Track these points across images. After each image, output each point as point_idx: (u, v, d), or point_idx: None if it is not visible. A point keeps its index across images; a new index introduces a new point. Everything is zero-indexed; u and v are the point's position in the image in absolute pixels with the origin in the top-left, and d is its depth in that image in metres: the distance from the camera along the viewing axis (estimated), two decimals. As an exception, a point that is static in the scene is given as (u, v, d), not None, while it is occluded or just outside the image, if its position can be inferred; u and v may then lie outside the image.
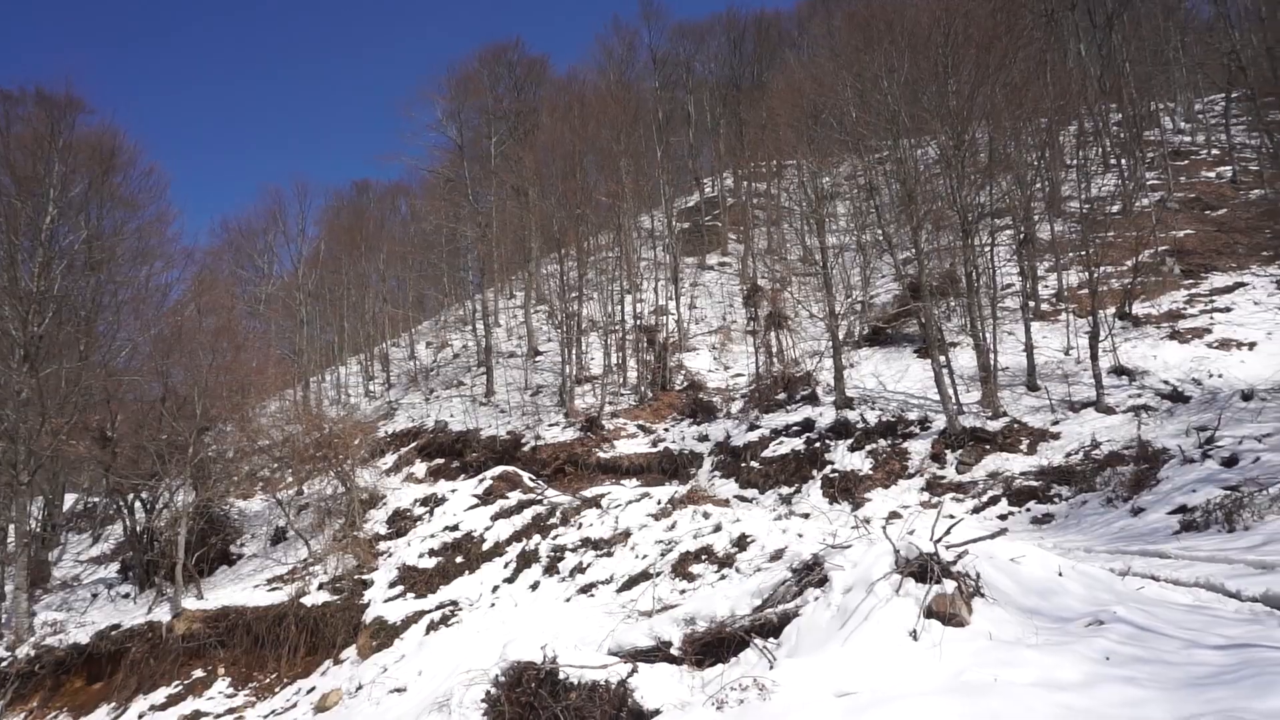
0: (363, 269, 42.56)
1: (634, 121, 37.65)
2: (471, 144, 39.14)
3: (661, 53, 51.99)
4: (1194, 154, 34.86)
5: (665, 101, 49.02)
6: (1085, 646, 6.13)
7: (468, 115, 39.68)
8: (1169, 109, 40.02)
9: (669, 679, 7.97)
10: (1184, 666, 5.57)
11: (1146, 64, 38.66)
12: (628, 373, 28.89)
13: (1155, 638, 6.21)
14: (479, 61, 44.78)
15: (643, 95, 46.18)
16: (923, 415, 20.41)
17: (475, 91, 40.98)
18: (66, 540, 27.87)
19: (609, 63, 50.97)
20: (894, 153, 23.89)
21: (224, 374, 21.75)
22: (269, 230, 47.14)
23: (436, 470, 25.64)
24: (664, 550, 14.16)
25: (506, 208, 37.32)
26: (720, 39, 54.30)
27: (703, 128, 51.90)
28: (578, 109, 35.76)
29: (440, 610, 15.15)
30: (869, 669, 6.47)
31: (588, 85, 44.47)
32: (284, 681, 15.45)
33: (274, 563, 20.09)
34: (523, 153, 36.31)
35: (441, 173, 41.36)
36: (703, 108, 51.92)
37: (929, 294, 21.51)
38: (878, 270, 30.36)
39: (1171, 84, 40.68)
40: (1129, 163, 32.40)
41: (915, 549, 7.60)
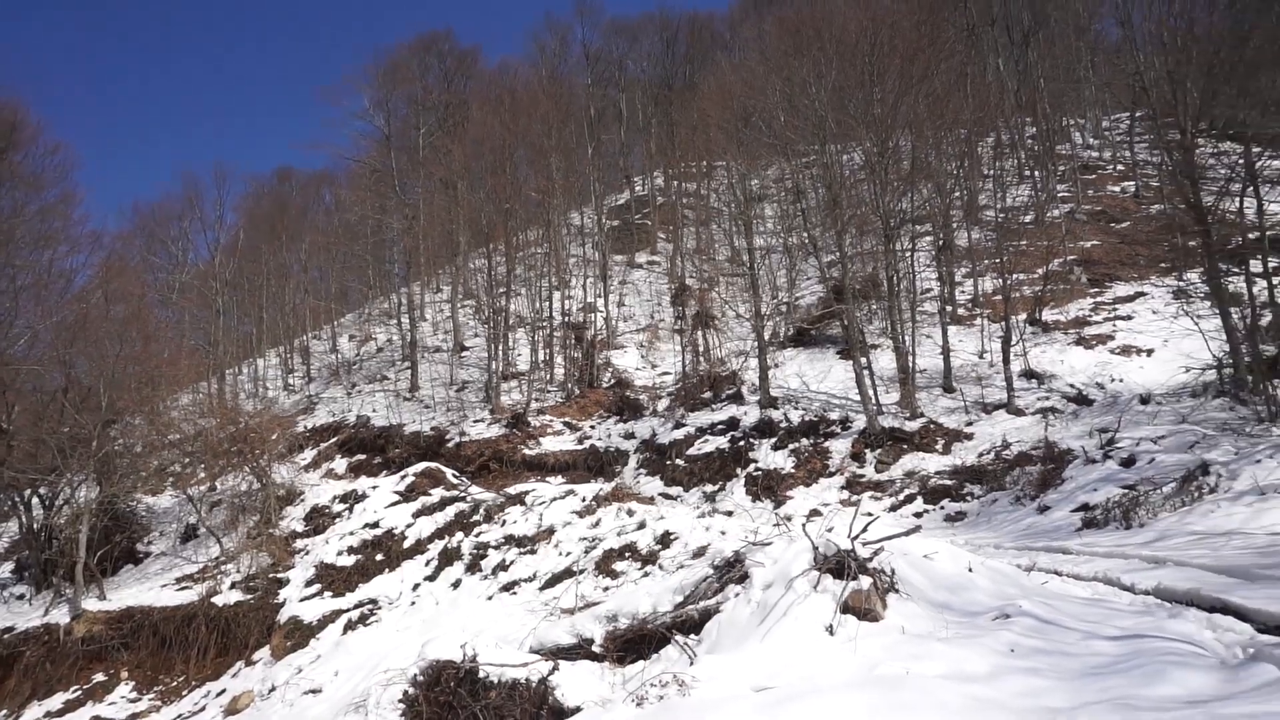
0: (284, 259, 41.34)
1: (566, 117, 37.52)
2: (399, 134, 38.53)
3: (595, 49, 52.03)
4: (1101, 169, 36.48)
5: (597, 99, 49.00)
6: (992, 639, 6.38)
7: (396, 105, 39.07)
8: (1079, 125, 41.80)
9: (590, 676, 7.97)
10: (1082, 657, 5.84)
11: (1060, 81, 40.30)
12: (555, 370, 28.78)
13: (1056, 630, 6.49)
14: (409, 51, 44.14)
15: (575, 91, 46.07)
16: (844, 415, 20.88)
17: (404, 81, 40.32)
18: (-44, 538, 26.35)
19: (541, 57, 50.79)
20: (821, 157, 24.35)
21: (133, 365, 20.90)
22: (185, 216, 45.41)
23: (357, 466, 25.11)
24: (588, 548, 14.14)
25: (434, 200, 36.74)
26: (653, 38, 54.59)
27: (634, 126, 52.04)
28: (509, 103, 35.43)
29: (359, 609, 14.83)
30: (787, 663, 6.59)
31: (519, 79, 44.18)
32: (192, 684, 14.91)
33: (184, 561, 19.38)
34: (452, 145, 35.86)
35: (368, 162, 40.54)
36: (635, 106, 52.06)
37: (852, 297, 22.01)
38: (803, 272, 30.91)
39: (1082, 101, 42.49)
40: (1042, 175, 33.73)
41: (833, 546, 7.77)
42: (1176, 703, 4.70)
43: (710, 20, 57.68)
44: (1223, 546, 8.70)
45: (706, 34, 55.56)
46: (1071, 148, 38.53)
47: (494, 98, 38.85)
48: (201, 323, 40.94)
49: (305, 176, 53.63)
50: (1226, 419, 15.13)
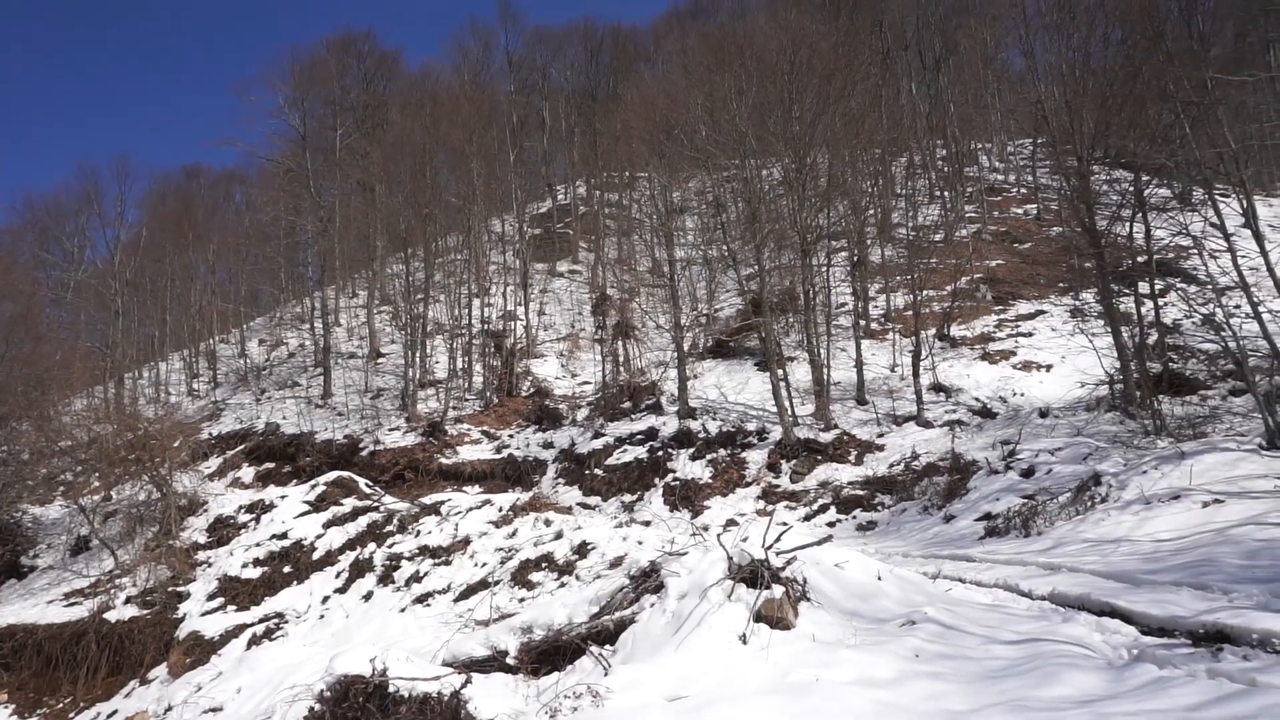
0: (190, 259, 39.72)
1: (488, 123, 37.20)
2: (315, 134, 37.46)
3: (518, 56, 51.67)
4: (1006, 191, 38.14)
5: (520, 106, 48.71)
6: (898, 645, 6.56)
7: (312, 104, 37.95)
8: (986, 149, 43.64)
9: (504, 689, 7.88)
10: (982, 661, 6.06)
11: (968, 106, 42.03)
12: (473, 378, 28.43)
13: (959, 635, 6.73)
14: (327, 49, 42.99)
15: (497, 98, 45.71)
16: (761, 426, 21.22)
17: (322, 80, 39.26)
18: None
19: (464, 62, 50.16)
20: (741, 172, 24.77)
21: (20, 366, 19.87)
22: (82, 212, 43.31)
23: (266, 475, 24.29)
24: (504, 558, 13.99)
25: (351, 203, 35.94)
26: (578, 48, 54.58)
27: (557, 135, 51.96)
28: (430, 107, 34.94)
29: (264, 623, 14.31)
30: (700, 672, 6.64)
31: (441, 84, 43.57)
32: (80, 705, 14.13)
33: (74, 575, 18.37)
34: (370, 147, 35.16)
35: (282, 162, 39.30)
36: (558, 115, 51.97)
37: (770, 310, 22.42)
38: (723, 285, 31.33)
39: (989, 126, 44.37)
40: (951, 195, 35.08)
41: (748, 556, 7.87)
42: (1068, 703, 4.92)
43: (634, 32, 58.17)
44: (1112, 553, 9.16)
45: (630, 46, 55.94)
46: (979, 170, 40.19)
47: (415, 101, 38.29)
48: (99, 324, 38.99)
49: (215, 174, 52.01)
50: (1117, 432, 15.96)
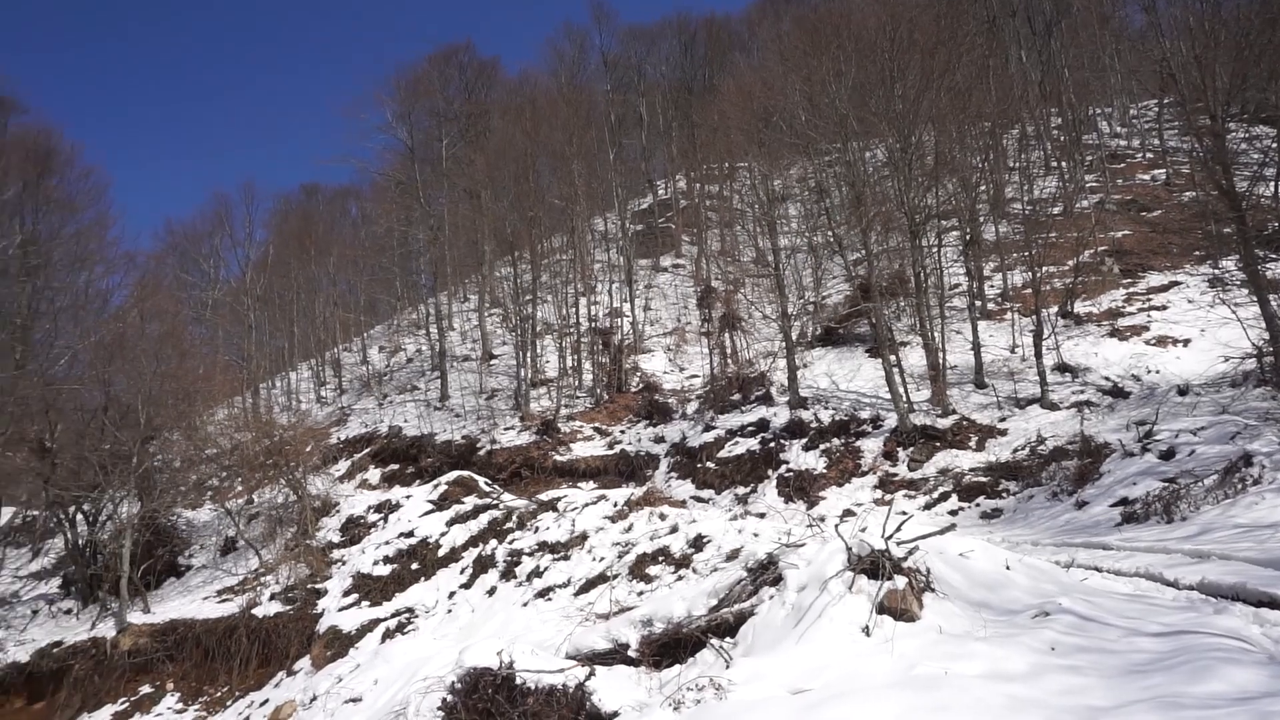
0: (312, 273, 41.86)
1: (586, 124, 37.68)
2: (422, 146, 38.80)
3: (613, 55, 52.10)
4: (1130, 157, 35.94)
5: (617, 104, 49.10)
6: (1032, 637, 6.32)
7: (418, 117, 39.36)
8: (1106, 114, 41.22)
9: (627, 681, 8.00)
10: (1124, 654, 5.77)
11: (1084, 70, 39.77)
12: (583, 375, 28.87)
13: (1097, 627, 6.42)
14: (429, 63, 44.46)
15: (595, 98, 46.25)
16: (875, 414, 20.74)
17: (425, 93, 40.65)
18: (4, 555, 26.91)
19: (560, 65, 50.97)
20: (843, 155, 24.24)
21: (169, 381, 21.29)
22: (215, 234, 46.23)
23: (391, 476, 25.35)
24: (621, 552, 14.18)
25: (459, 210, 37.03)
26: (671, 42, 54.58)
27: (655, 130, 52.10)
28: (529, 111, 35.64)
29: (396, 618, 14.99)
30: (823, 665, 6.57)
31: (539, 88, 44.42)
32: (236, 695, 15.15)
33: (224, 573, 19.69)
34: (474, 155, 36.12)
35: (392, 175, 40.91)
36: (655, 110, 52.11)
37: (879, 294, 21.87)
38: (829, 271, 30.76)
39: (1108, 90, 41.88)
40: (1069, 165, 33.31)
41: (867, 546, 7.74)
42: (1224, 700, 4.63)
43: (728, 22, 57.64)
44: (1269, 539, 8.54)
45: (724, 35, 55.50)
46: (1098, 137, 38.01)
47: (515, 107, 39.14)
48: (235, 338, 41.57)
49: (331, 191, 54.47)
50: (1268, 408, 14.82)
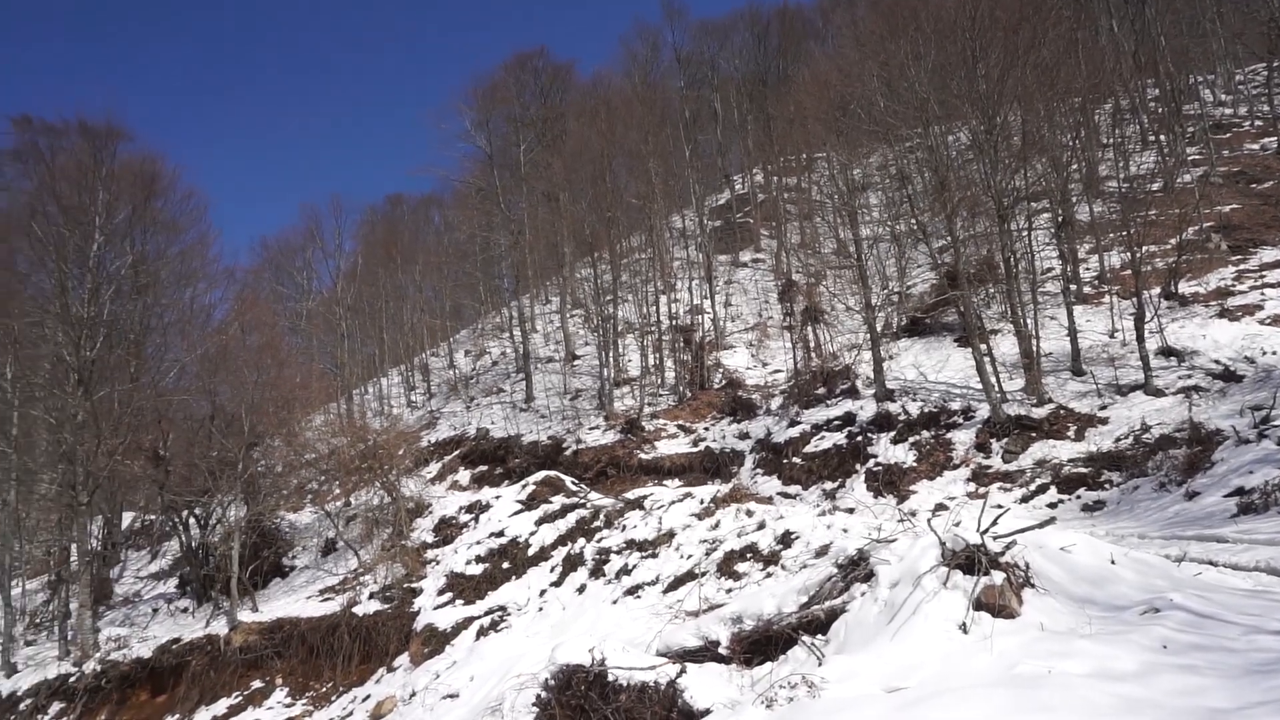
0: (399, 281, 43.09)
1: (661, 122, 37.72)
2: (501, 152, 39.54)
3: (685, 52, 52.01)
4: (1236, 126, 33.97)
5: (691, 100, 48.96)
6: (1142, 635, 6.04)
7: (496, 124, 40.14)
8: (1208, 81, 39.02)
9: (718, 678, 7.98)
10: (1245, 653, 5.46)
11: (1183, 36, 37.74)
12: (665, 373, 28.92)
13: (1215, 624, 6.09)
14: (505, 70, 45.24)
15: (669, 95, 46.25)
16: (965, 405, 20.15)
17: (502, 100, 41.40)
18: (126, 557, 28.62)
19: (633, 65, 51.12)
20: (925, 140, 23.62)
21: (269, 390, 22.20)
22: (307, 247, 47.99)
23: (480, 477, 25.89)
24: (708, 549, 14.15)
25: (538, 214, 37.58)
26: (744, 34, 54.12)
27: (730, 125, 51.74)
28: (604, 113, 35.87)
29: (489, 616, 15.30)
30: (919, 663, 6.43)
31: (613, 88, 44.60)
32: (340, 690, 15.71)
33: (325, 573, 20.44)
34: (552, 159, 36.55)
35: (472, 182, 41.80)
36: (729, 104, 51.74)
37: (967, 282, 21.23)
38: (913, 260, 30.03)
39: (1210, 55, 39.65)
40: (1168, 138, 31.68)
41: (962, 541, 7.53)
42: (1357, 701, 4.34)
43: (800, 11, 56.86)
44: (1403, 529, 7.96)
45: (798, 25, 54.77)
46: (1201, 106, 36.01)
47: (590, 109, 39.42)
48: (328, 347, 43.10)
49: (414, 201, 55.85)
50: (1399, 388, 13.83)
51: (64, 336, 21.46)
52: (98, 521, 25.80)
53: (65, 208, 23.39)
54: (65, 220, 23.04)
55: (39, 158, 27.76)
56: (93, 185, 23.77)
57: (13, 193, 27.87)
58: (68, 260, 22.51)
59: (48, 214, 23.42)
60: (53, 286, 22.72)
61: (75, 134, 26.85)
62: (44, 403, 21.84)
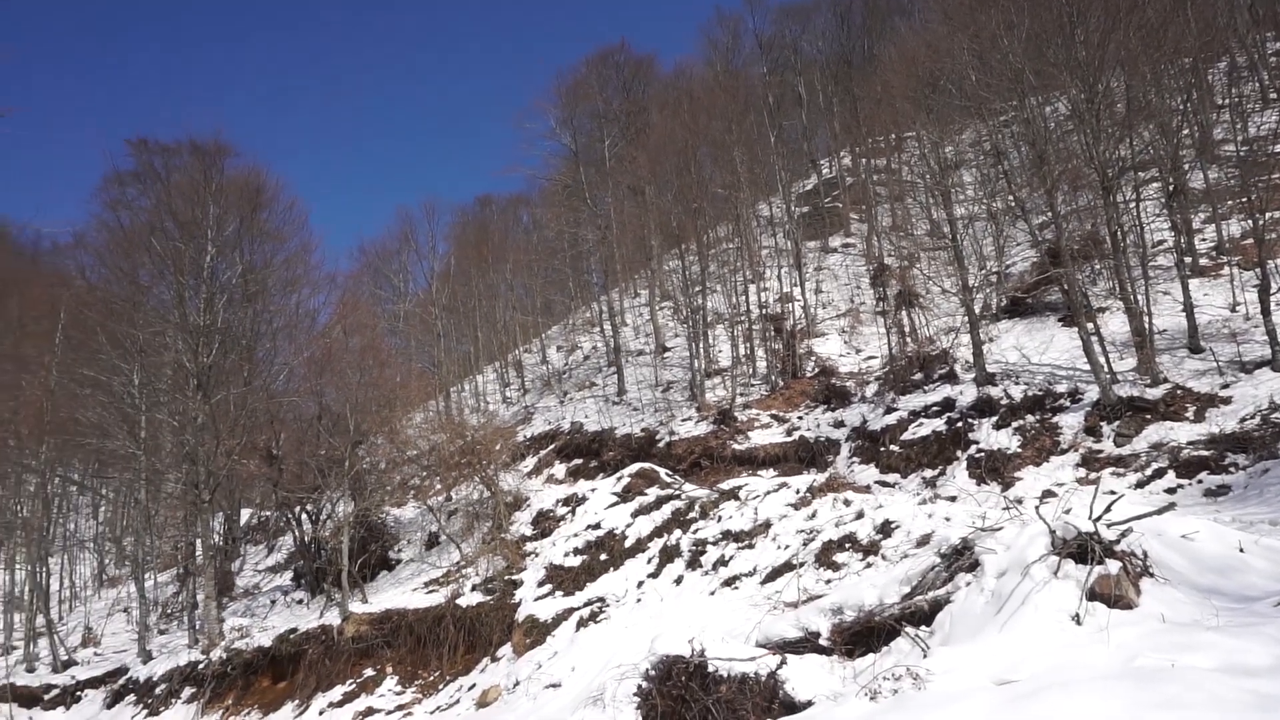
0: (491, 280, 43.97)
1: (744, 110, 37.33)
2: (585, 149, 39.89)
3: (767, 37, 51.33)
4: (1370, 78, 31.41)
5: (775, 86, 48.24)
6: (1276, 628, 5.68)
7: (580, 121, 40.50)
8: (1336, 32, 36.18)
9: (819, 670, 7.90)
10: (1394, 646, 5.08)
11: (1306, -15, 35.08)
12: (757, 363, 28.69)
13: (1357, 615, 5.69)
14: (587, 67, 45.56)
15: (751, 82, 45.68)
16: (1073, 387, 19.31)
17: (585, 97, 41.73)
18: (245, 552, 30.21)
19: (715, 53, 50.72)
20: (1020, 113, 22.65)
21: (371, 390, 23.02)
22: (402, 250, 49.43)
23: (575, 471, 26.23)
24: (806, 540, 14.00)
25: (624, 208, 37.75)
26: (826, 15, 53.01)
27: (815, 108, 50.81)
28: (687, 103, 35.73)
29: (588, 607, 15.52)
30: (1029, 655, 6.22)
31: (695, 79, 44.40)
32: (446, 679, 16.21)
33: (429, 566, 21.10)
34: (636, 152, 36.64)
35: (559, 180, 42.33)
36: (814, 88, 50.79)
37: (1070, 258, 20.31)
38: (1012, 238, 28.92)
39: (1337, 4, 36.74)
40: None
41: (1073, 529, 7.24)
42: None
43: (885, -14, 55.22)
44: None
45: (882, 2, 53.29)
46: (1328, 60, 33.44)
47: (672, 100, 39.33)
48: (425, 346, 44.39)
49: (503, 201, 56.76)
50: None
51: (183, 344, 22.78)
52: (219, 518, 27.29)
53: (181, 223, 24.79)
54: (181, 234, 24.42)
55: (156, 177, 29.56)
56: (204, 200, 25.11)
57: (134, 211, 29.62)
58: (184, 272, 23.86)
59: (165, 229, 24.88)
60: (172, 297, 24.15)
61: (187, 153, 28.44)
62: (167, 407, 23.26)
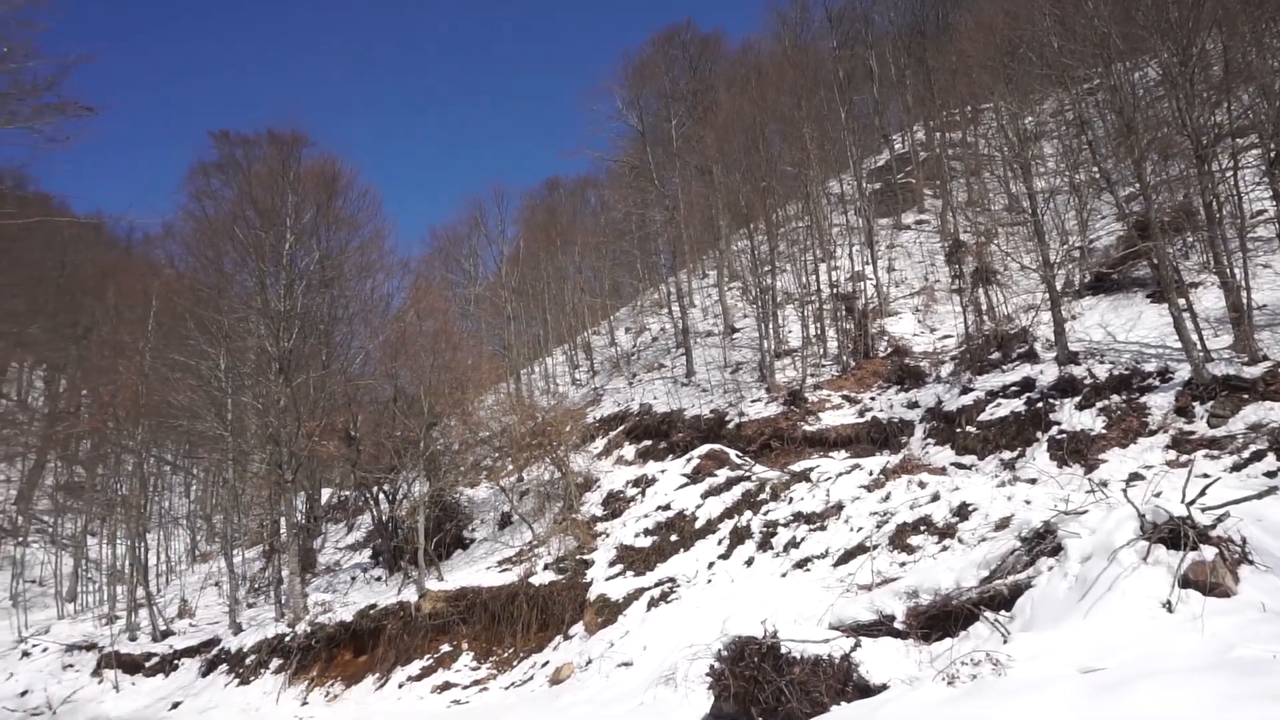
0: (560, 262, 44.26)
1: (814, 85, 36.62)
2: (652, 129, 39.70)
3: (836, 9, 50.09)
4: None
5: (845, 60, 47.08)
6: (1387, 617, 5.36)
7: (647, 101, 40.29)
8: None
9: (894, 653, 7.78)
10: None
11: None
12: (827, 343, 28.27)
13: None
14: (653, 46, 45.28)
15: (821, 57, 44.70)
16: (1162, 365, 18.48)
17: (652, 76, 41.49)
18: (326, 530, 31.23)
19: (783, 28, 49.77)
20: (1106, 80, 21.66)
21: (444, 372, 23.45)
22: (472, 235, 50.04)
23: (644, 452, 26.30)
24: (879, 522, 13.79)
25: (692, 188, 37.50)
26: (899, -16, 51.45)
27: (887, 82, 49.45)
28: (755, 80, 35.24)
29: (659, 587, 15.60)
30: (1116, 643, 5.99)
31: (763, 55, 43.70)
32: (520, 655, 16.51)
33: (503, 545, 21.47)
34: (704, 132, 36.32)
35: (626, 161, 42.26)
36: (885, 61, 49.40)
37: (1160, 231, 19.40)
38: (1096, 211, 27.77)
39: None
40: None
41: (1164, 513, 6.94)
42: None
43: (962, -48, 53.33)
44: None
45: (958, -31, 51.50)
46: None
47: (740, 78, 38.84)
48: (495, 329, 44.96)
49: (571, 183, 56.94)
50: None
51: (265, 329, 23.58)
52: (301, 497, 28.24)
53: (261, 211, 25.59)
54: (262, 223, 25.22)
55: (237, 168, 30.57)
56: (283, 189, 25.87)
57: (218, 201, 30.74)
58: (265, 259, 24.66)
59: (247, 218, 25.73)
60: (254, 284, 24.99)
61: (265, 143, 29.31)
62: (252, 390, 24.13)
